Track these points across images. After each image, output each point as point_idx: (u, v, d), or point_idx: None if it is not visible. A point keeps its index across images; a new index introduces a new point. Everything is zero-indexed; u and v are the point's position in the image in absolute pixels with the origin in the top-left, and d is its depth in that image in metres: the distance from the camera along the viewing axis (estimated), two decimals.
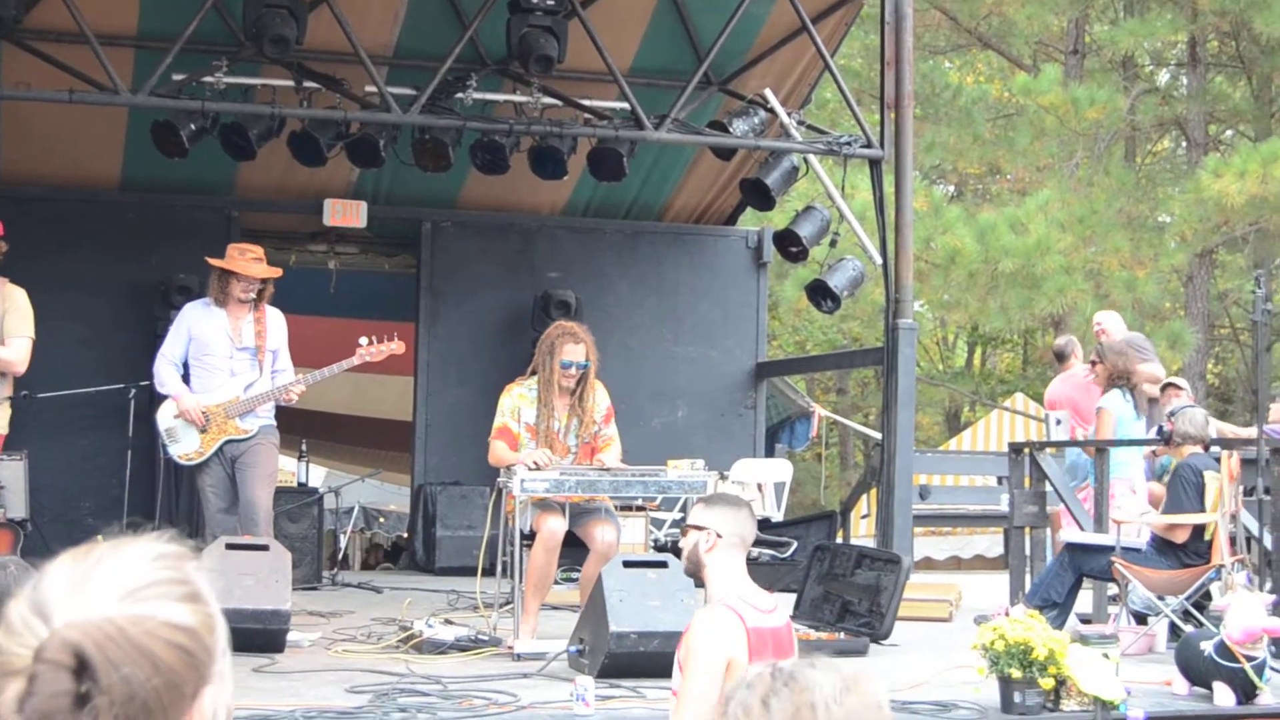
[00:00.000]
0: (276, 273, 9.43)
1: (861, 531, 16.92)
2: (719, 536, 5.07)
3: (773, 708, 2.07)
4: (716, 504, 5.26)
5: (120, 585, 1.61)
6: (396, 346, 9.38)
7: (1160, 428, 9.76)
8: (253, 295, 9.28)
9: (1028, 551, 10.89)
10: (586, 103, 12.21)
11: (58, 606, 1.59)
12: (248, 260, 9.32)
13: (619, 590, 7.71)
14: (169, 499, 12.32)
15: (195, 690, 1.63)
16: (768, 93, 12.62)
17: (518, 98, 12.22)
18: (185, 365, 9.33)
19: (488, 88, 12.31)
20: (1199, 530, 9.25)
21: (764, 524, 12.51)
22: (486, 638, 8.62)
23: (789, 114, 12.51)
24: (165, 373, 9.30)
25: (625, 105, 11.62)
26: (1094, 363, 11.31)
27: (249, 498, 9.03)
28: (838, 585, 9.84)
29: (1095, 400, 11.27)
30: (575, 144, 12.26)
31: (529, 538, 8.56)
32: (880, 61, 12.11)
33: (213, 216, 13.62)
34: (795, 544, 12.31)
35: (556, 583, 9.30)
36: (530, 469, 8.35)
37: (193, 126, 11.44)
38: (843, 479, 29.97)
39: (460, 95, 11.87)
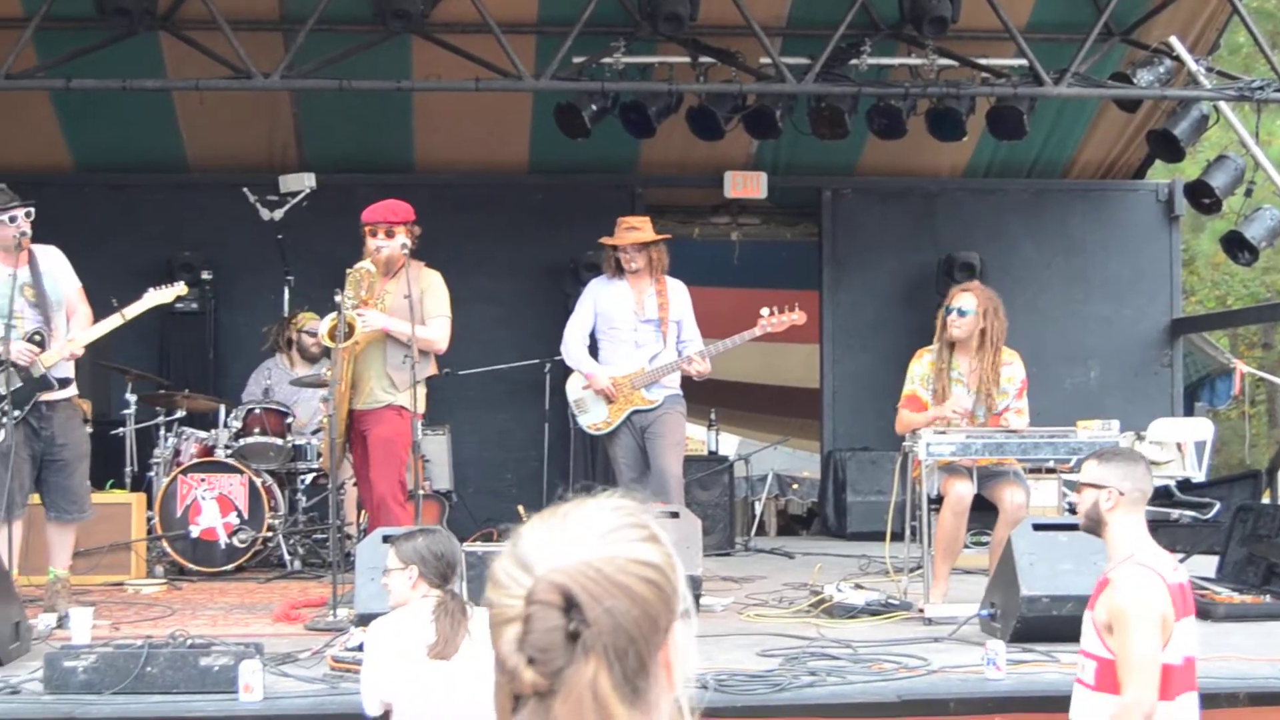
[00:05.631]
0: (645, 237, 9.49)
1: None
2: (1120, 494, 4.93)
3: None
4: (1113, 459, 5.05)
5: (590, 532, 1.79)
6: (798, 317, 9.43)
7: None
8: (635, 265, 9.44)
9: None
10: (983, 61, 12.01)
11: (538, 557, 1.77)
12: (621, 230, 9.53)
13: (1030, 554, 7.57)
14: (584, 468, 12.66)
15: (667, 624, 1.82)
16: (1173, 40, 12.19)
17: (912, 60, 12.11)
18: (594, 338, 9.61)
19: (882, 52, 12.21)
20: None
21: (1184, 485, 12.15)
22: (897, 602, 8.60)
23: (1196, 61, 12.07)
24: (574, 347, 9.61)
25: (1023, 62, 11.38)
26: None
27: (659, 466, 9.22)
28: (1262, 547, 9.46)
29: None
30: (973, 104, 12.11)
31: (937, 502, 8.51)
32: None
33: (618, 194, 13.89)
34: (1218, 505, 11.90)
35: (966, 546, 9.20)
36: (937, 431, 8.29)
37: (594, 107, 11.74)
38: (1271, 437, 28.76)
39: (854, 61, 11.83)
